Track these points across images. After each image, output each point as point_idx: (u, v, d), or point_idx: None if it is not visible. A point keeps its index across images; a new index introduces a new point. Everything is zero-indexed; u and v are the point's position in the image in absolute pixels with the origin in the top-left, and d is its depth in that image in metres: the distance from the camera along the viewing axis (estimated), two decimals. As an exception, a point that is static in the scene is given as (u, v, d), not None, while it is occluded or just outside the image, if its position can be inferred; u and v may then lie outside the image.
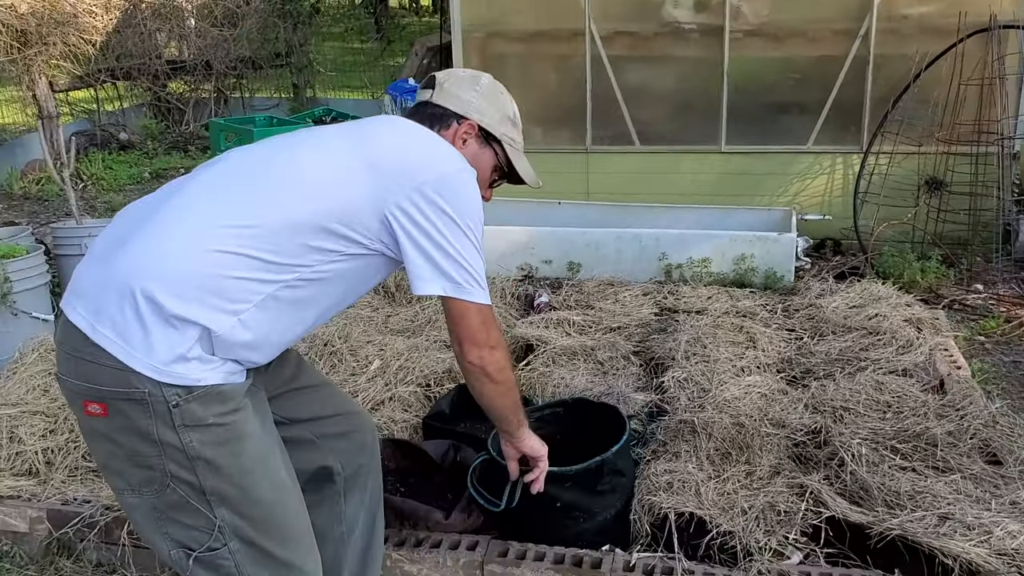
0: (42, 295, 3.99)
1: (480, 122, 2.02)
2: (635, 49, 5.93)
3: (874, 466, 2.61)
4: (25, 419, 3.19)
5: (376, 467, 2.28)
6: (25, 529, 2.81)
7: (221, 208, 1.77)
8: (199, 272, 1.69)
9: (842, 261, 5.24)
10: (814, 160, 5.64)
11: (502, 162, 2.07)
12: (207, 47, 9.23)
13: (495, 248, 5.16)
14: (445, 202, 1.79)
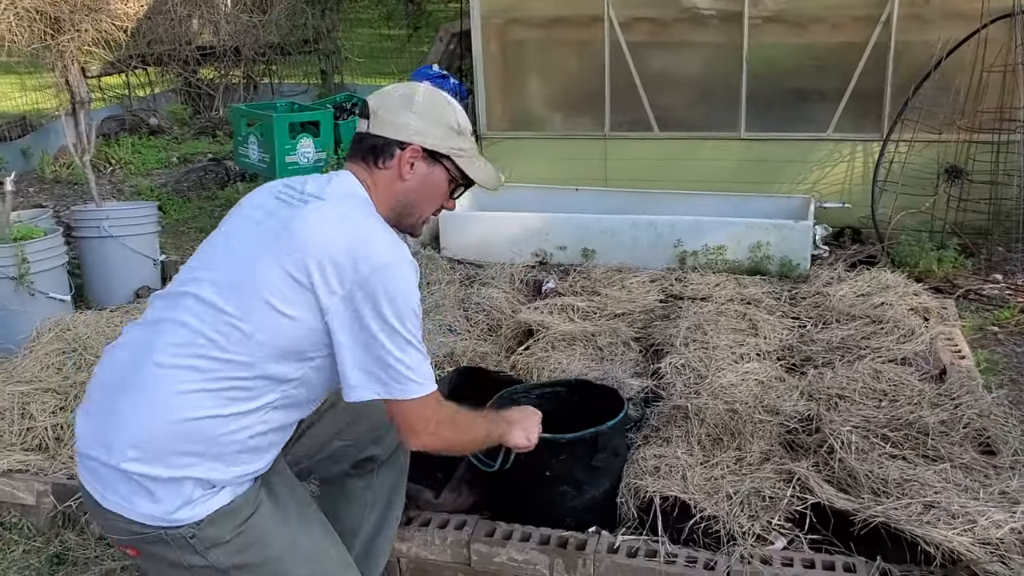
0: (59, 276, 4.09)
1: (423, 144, 1.96)
2: (654, 35, 5.90)
3: (863, 453, 2.61)
4: (37, 396, 3.28)
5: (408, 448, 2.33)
6: (32, 502, 2.91)
7: (186, 375, 1.80)
8: (181, 438, 1.78)
9: (859, 249, 5.19)
10: (834, 147, 5.58)
11: (456, 175, 2.03)
12: (236, 33, 9.32)
13: (509, 233, 5.20)
14: (373, 305, 1.77)
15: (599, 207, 5.53)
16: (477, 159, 2.07)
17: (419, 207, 2.02)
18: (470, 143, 2.04)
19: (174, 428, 1.78)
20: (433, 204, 2.04)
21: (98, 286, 4.49)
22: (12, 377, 3.43)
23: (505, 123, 6.25)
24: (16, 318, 3.91)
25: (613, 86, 5.87)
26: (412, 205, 2.00)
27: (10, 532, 2.92)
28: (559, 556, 2.44)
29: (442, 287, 4.29)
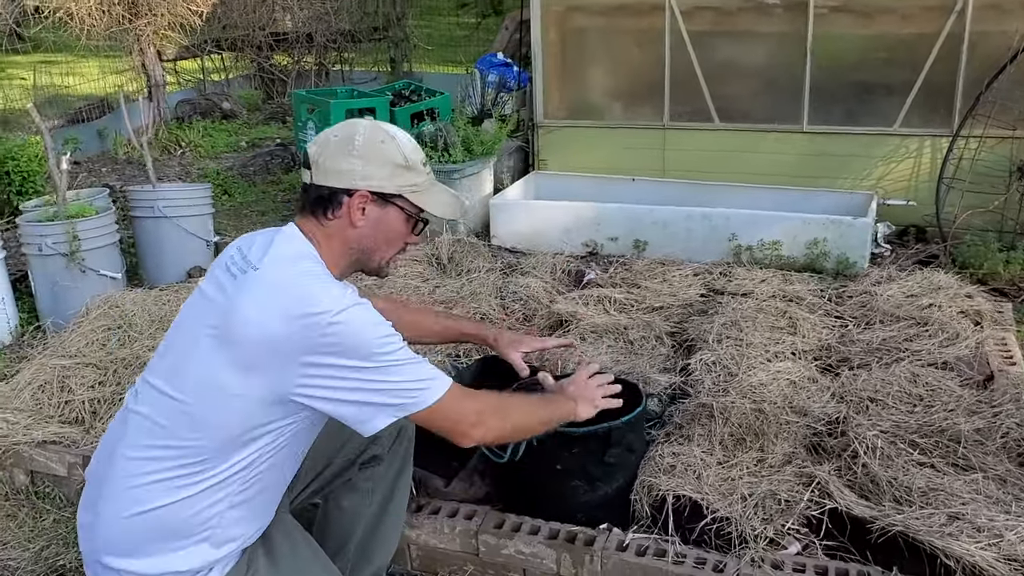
0: (111, 254, 4.20)
1: (370, 188, 1.87)
2: (716, 24, 5.77)
3: (889, 460, 2.51)
4: (78, 370, 3.38)
5: (411, 428, 2.36)
6: (64, 473, 2.99)
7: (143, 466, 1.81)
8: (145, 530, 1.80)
9: (922, 249, 5.00)
10: (900, 143, 5.38)
11: (412, 211, 1.94)
12: (309, 20, 9.46)
13: (560, 223, 5.15)
14: (340, 362, 1.73)
15: (655, 198, 5.44)
16: (433, 189, 1.98)
17: (378, 252, 1.95)
18: (422, 174, 1.94)
19: (133, 522, 1.81)
20: (393, 246, 1.97)
21: (151, 265, 4.61)
22: (57, 351, 3.54)
23: (562, 112, 6.20)
24: (68, 294, 4.03)
25: (673, 75, 5.76)
26: (370, 251, 1.94)
27: (42, 501, 3.02)
28: (567, 551, 2.41)
29: (481, 275, 4.28)
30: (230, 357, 1.74)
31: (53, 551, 2.77)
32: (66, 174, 4.06)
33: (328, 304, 1.73)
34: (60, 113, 8.63)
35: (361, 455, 2.28)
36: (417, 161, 1.94)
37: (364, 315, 1.77)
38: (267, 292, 1.76)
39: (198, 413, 1.77)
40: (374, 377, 1.75)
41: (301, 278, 1.80)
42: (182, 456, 1.79)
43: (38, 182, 5.59)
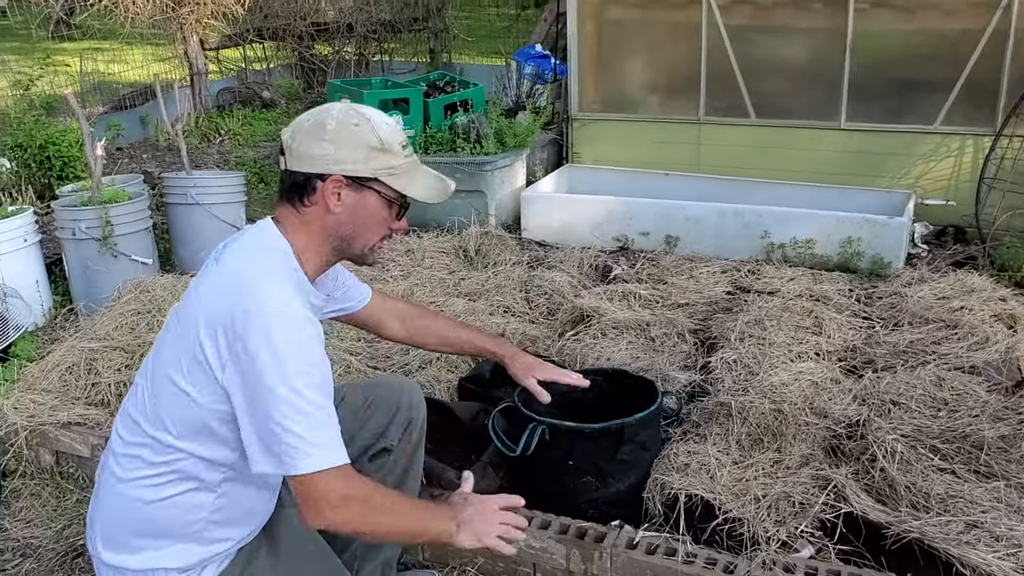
0: (143, 239, 4.25)
1: (343, 172, 1.81)
2: (754, 18, 5.69)
3: (908, 464, 2.47)
4: (106, 353, 3.43)
5: (421, 420, 2.36)
6: (87, 455, 3.04)
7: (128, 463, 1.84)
8: (132, 524, 1.83)
9: (960, 250, 4.90)
10: (941, 141, 5.27)
11: (392, 195, 1.87)
12: (350, 10, 9.51)
13: (591, 217, 5.12)
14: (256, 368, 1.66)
15: (688, 193, 5.39)
16: (413, 171, 1.90)
17: (359, 238, 1.89)
18: (400, 157, 1.87)
19: (121, 515, 1.84)
20: (374, 232, 1.90)
21: (183, 251, 4.66)
22: (87, 334, 3.60)
23: (597, 105, 6.16)
24: (100, 278, 4.09)
25: (709, 70, 5.70)
26: (349, 238, 1.88)
27: (66, 481, 3.08)
28: (576, 547, 2.40)
29: (507, 268, 4.27)
30: (190, 354, 1.74)
31: (74, 530, 2.82)
32: (100, 160, 4.13)
33: (273, 307, 1.68)
34: (105, 100, 8.77)
35: (371, 447, 2.27)
36: (394, 143, 1.86)
37: (301, 334, 1.70)
38: (223, 284, 1.76)
39: (159, 409, 1.80)
40: (274, 411, 1.66)
41: (258, 271, 1.76)
42: (156, 454, 1.80)
43: (78, 167, 5.69)
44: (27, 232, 4.13)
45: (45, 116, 6.35)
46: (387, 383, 2.37)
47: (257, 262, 1.79)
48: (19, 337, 3.79)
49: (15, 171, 5.86)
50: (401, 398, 2.30)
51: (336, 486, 1.70)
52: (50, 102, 7.45)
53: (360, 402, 2.28)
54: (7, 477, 3.10)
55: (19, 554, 2.74)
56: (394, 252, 4.56)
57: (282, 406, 1.66)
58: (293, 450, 1.67)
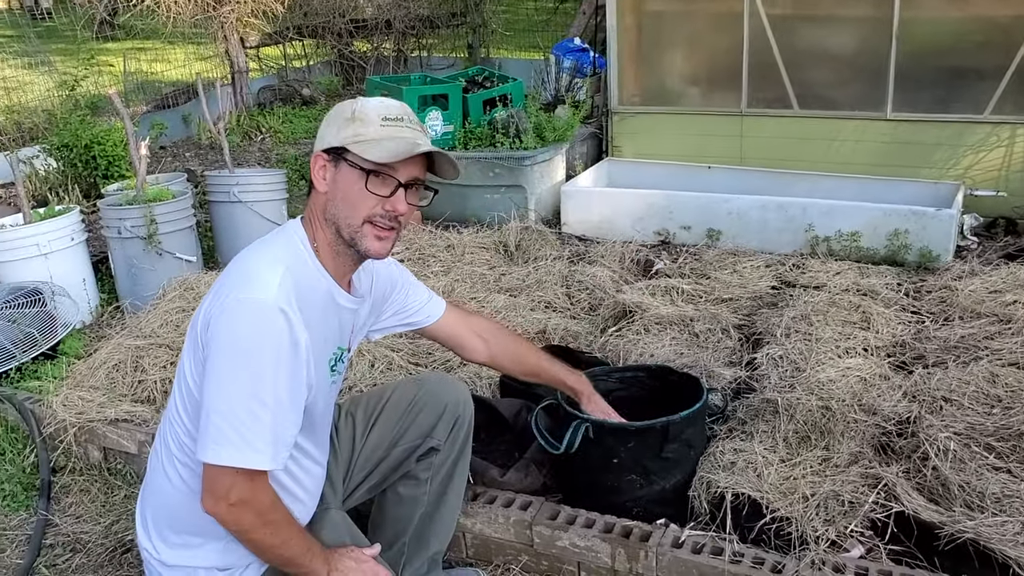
0: (187, 237, 4.29)
1: (322, 147, 1.82)
2: (797, 8, 5.60)
3: (961, 463, 2.41)
4: (152, 351, 3.46)
5: (469, 418, 2.35)
6: (135, 451, 3.08)
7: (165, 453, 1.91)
8: (171, 516, 1.88)
9: (1012, 242, 4.79)
10: (991, 131, 5.15)
11: (359, 162, 1.78)
12: (388, 6, 9.53)
13: (632, 211, 5.09)
14: (214, 339, 1.68)
15: (731, 186, 5.32)
16: (388, 141, 1.79)
17: (342, 216, 1.82)
18: (374, 126, 1.79)
19: (165, 511, 1.89)
20: (357, 208, 1.81)
21: (226, 248, 4.70)
22: (133, 332, 3.64)
23: (637, 97, 6.11)
24: (146, 276, 4.14)
25: (752, 61, 5.62)
26: (337, 217, 1.82)
27: (114, 477, 3.11)
28: (621, 546, 2.37)
29: (548, 263, 4.25)
30: (194, 347, 1.79)
31: (123, 526, 2.85)
32: (145, 159, 4.17)
33: (248, 293, 1.69)
34: (148, 99, 8.89)
35: (418, 448, 2.27)
36: (371, 114, 1.80)
37: (265, 327, 1.67)
38: (219, 278, 1.81)
39: (179, 404, 1.83)
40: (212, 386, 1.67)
41: (254, 260, 1.78)
42: (191, 452, 1.82)
43: (123, 166, 5.77)
44: (74, 231, 4.19)
45: (90, 116, 6.44)
46: (434, 381, 2.35)
47: (259, 256, 1.80)
48: (67, 335, 3.84)
49: (61, 171, 5.95)
50: (448, 396, 2.29)
51: (240, 487, 1.70)
52: (95, 102, 7.55)
53: (406, 402, 2.28)
54: (57, 473, 3.15)
55: (69, 549, 2.78)
56: (434, 248, 4.56)
57: (216, 389, 1.67)
58: (207, 434, 1.67)
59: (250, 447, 1.67)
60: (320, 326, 1.85)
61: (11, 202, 5.91)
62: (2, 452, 3.25)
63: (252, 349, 1.66)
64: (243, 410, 1.66)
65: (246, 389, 1.66)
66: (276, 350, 1.68)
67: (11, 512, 3.00)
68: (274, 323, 1.68)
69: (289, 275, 1.75)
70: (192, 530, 1.85)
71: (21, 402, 3.29)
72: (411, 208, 1.86)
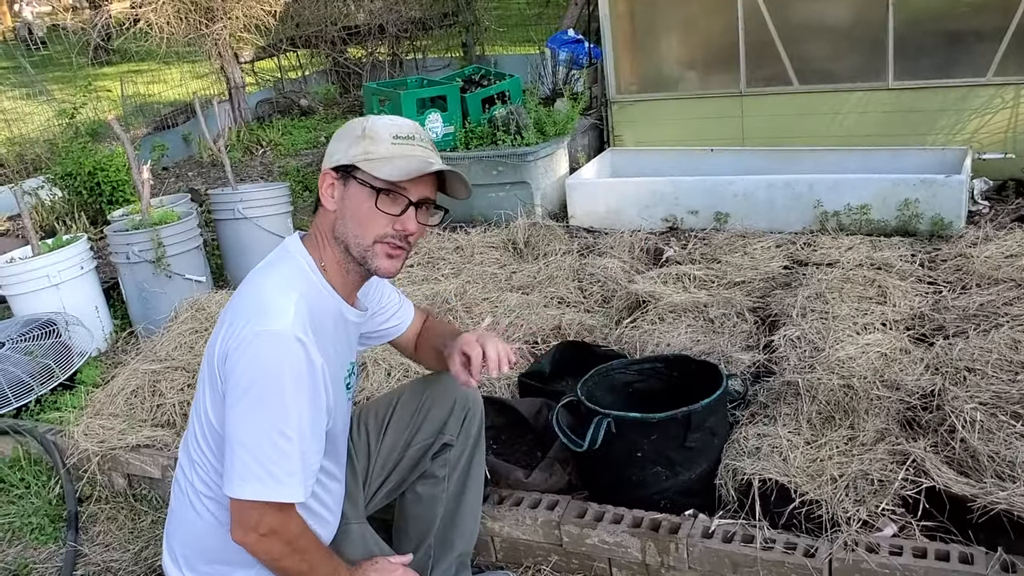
0: (195, 258, 4.29)
1: (331, 165, 1.80)
2: (790, -18, 5.57)
3: (989, 433, 2.38)
4: (168, 374, 3.46)
5: (480, 411, 2.34)
6: (158, 476, 3.08)
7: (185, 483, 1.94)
8: (199, 545, 1.90)
9: (1022, 204, 4.74)
10: (995, 93, 5.10)
11: (369, 181, 1.77)
12: (380, 11, 9.51)
13: (638, 200, 5.06)
14: (231, 377, 1.68)
15: (735, 168, 5.30)
16: (399, 159, 1.77)
17: (352, 234, 1.80)
18: (384, 144, 1.78)
19: (190, 538, 1.90)
20: (366, 227, 1.79)
21: (235, 266, 4.70)
22: (148, 356, 3.64)
23: (635, 85, 6.08)
24: (157, 299, 4.14)
25: (748, 39, 5.58)
26: (346, 235, 1.81)
27: (140, 504, 3.11)
28: (651, 539, 2.36)
29: (558, 258, 4.23)
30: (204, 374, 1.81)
31: (151, 551, 2.85)
32: (148, 182, 4.17)
33: (263, 324, 1.67)
34: (147, 121, 8.90)
35: (432, 445, 2.27)
36: (381, 131, 1.79)
37: (280, 357, 1.66)
38: (229, 307, 1.81)
39: (202, 433, 1.83)
40: (236, 421, 1.67)
41: (259, 292, 1.76)
42: (210, 480, 1.84)
43: (127, 191, 5.78)
44: (83, 260, 4.20)
45: (91, 143, 6.45)
46: (440, 379, 2.33)
47: (270, 282, 1.77)
48: (84, 364, 3.85)
49: (67, 199, 5.96)
50: (456, 391, 2.28)
51: (269, 519, 1.71)
52: (95, 128, 7.58)
53: (416, 402, 2.28)
54: (83, 503, 3.15)
55: (100, 578, 2.78)
56: (443, 251, 4.55)
57: (239, 424, 1.67)
58: (233, 469, 1.67)
59: (276, 480, 1.67)
60: (333, 347, 1.85)
61: (19, 234, 5.93)
62: (27, 486, 3.25)
63: (272, 382, 1.66)
64: (268, 444, 1.66)
65: (269, 422, 1.66)
66: (296, 381, 1.67)
67: (40, 545, 3.00)
68: (293, 354, 1.67)
69: (303, 302, 1.74)
70: (222, 559, 1.85)
71: (43, 434, 3.29)
72: (421, 227, 1.84)
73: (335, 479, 2.02)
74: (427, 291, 3.90)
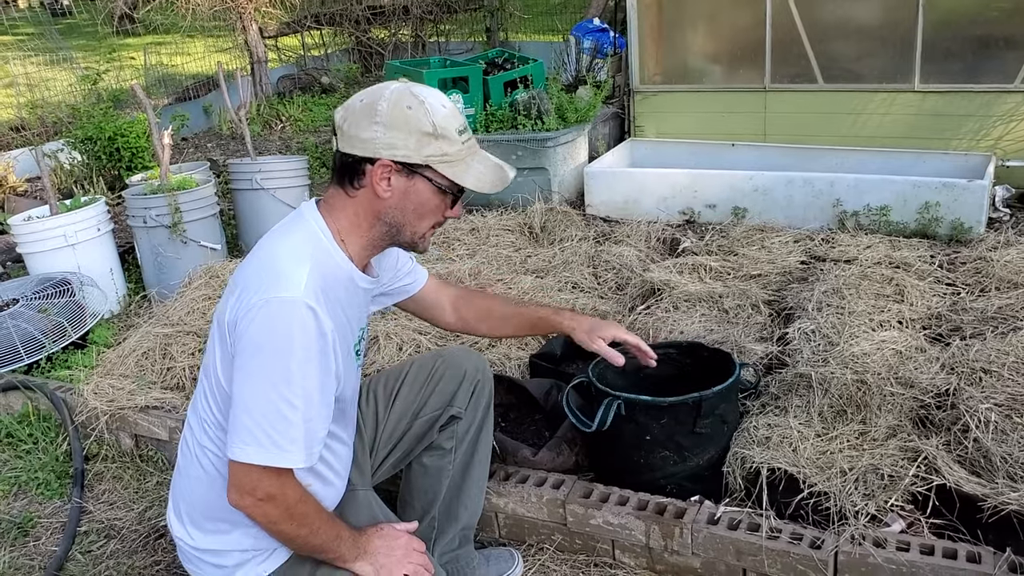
0: (211, 225, 4.30)
1: (394, 158, 1.74)
2: (820, -21, 5.53)
3: (1003, 434, 2.35)
4: (179, 338, 3.47)
5: (489, 385, 2.33)
6: (165, 437, 3.08)
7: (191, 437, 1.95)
8: (202, 502, 1.89)
9: (1045, 213, 4.70)
10: (1021, 100, 5.04)
11: (443, 183, 1.79)
12: (405, -8, 9.52)
13: (656, 191, 5.04)
14: (241, 342, 1.67)
15: (756, 163, 5.27)
16: (471, 159, 1.80)
17: (408, 226, 1.82)
18: (457, 144, 1.78)
19: (193, 496, 1.89)
20: (425, 220, 1.83)
21: (250, 236, 4.70)
22: (160, 320, 3.65)
23: (659, 76, 6.05)
24: (171, 265, 4.15)
25: (775, 35, 5.54)
26: (399, 225, 1.81)
27: (146, 464, 3.12)
28: (656, 523, 2.35)
29: (573, 244, 4.21)
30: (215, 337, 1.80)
31: (155, 512, 2.86)
32: (168, 148, 4.17)
33: (273, 291, 1.66)
34: (169, 92, 8.92)
35: (440, 417, 2.26)
36: (450, 128, 1.77)
37: (291, 324, 1.65)
38: (243, 270, 1.79)
39: (211, 392, 1.83)
40: (242, 385, 1.67)
41: (274, 257, 1.75)
42: (215, 437, 1.83)
43: (146, 158, 5.78)
44: (100, 221, 4.21)
45: (113, 109, 6.46)
46: (451, 352, 2.34)
47: (283, 249, 1.75)
48: (96, 324, 3.86)
49: (86, 163, 5.98)
50: (466, 364, 2.29)
51: (267, 484, 1.69)
52: (117, 96, 7.59)
53: (425, 373, 2.28)
54: (90, 461, 3.16)
55: (103, 535, 2.79)
56: (459, 231, 4.54)
57: (245, 389, 1.66)
58: (236, 432, 1.67)
59: (277, 447, 1.66)
60: (344, 313, 1.83)
61: (37, 195, 5.95)
62: (35, 441, 3.27)
63: (281, 349, 1.64)
64: (272, 410, 1.64)
65: (275, 389, 1.64)
66: (305, 348, 1.66)
67: (45, 500, 3.01)
68: (303, 321, 1.65)
69: (317, 269, 1.73)
70: (223, 517, 1.85)
71: (53, 391, 3.30)
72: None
73: (343, 443, 2.01)
74: (441, 270, 3.89)
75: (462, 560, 2.36)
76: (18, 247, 4.19)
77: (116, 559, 2.67)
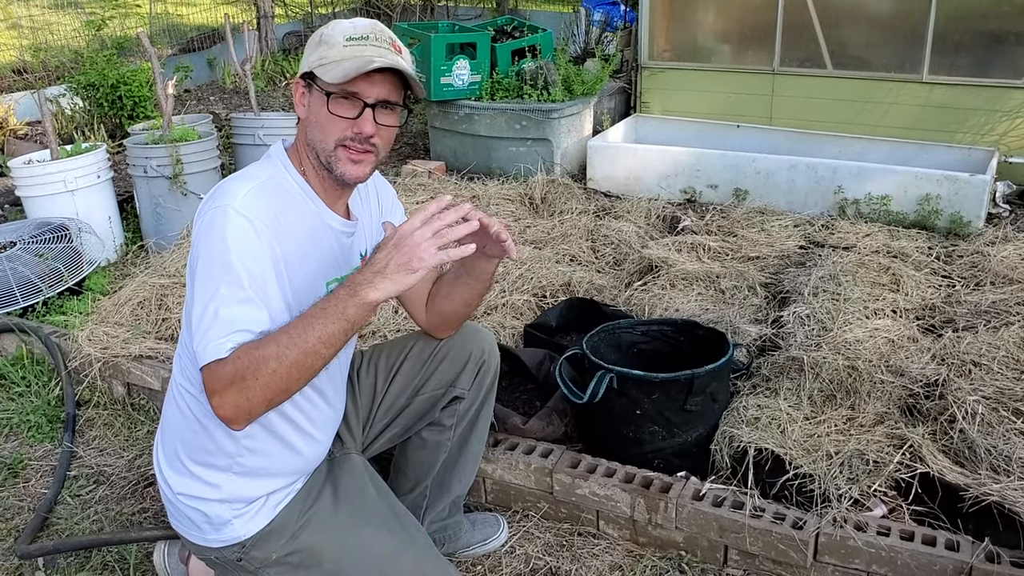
0: (212, 178, 4.28)
1: (299, 75, 1.78)
2: (834, -36, 5.50)
3: (989, 427, 2.39)
4: (175, 289, 3.47)
5: (495, 366, 2.30)
6: (158, 387, 3.09)
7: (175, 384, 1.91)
8: (182, 445, 1.86)
9: (1044, 211, 4.72)
10: (1029, 96, 5.05)
11: (324, 87, 1.72)
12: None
13: (659, 168, 5.04)
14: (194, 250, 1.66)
15: (760, 146, 5.26)
16: (349, 61, 1.69)
17: (317, 140, 1.77)
18: (337, 47, 1.72)
19: (175, 438, 1.87)
20: (327, 132, 1.75)
21: (251, 191, 4.69)
22: (157, 270, 3.65)
23: (668, 53, 6.02)
24: (170, 216, 4.14)
25: (786, 18, 5.52)
26: (314, 142, 1.78)
27: (137, 413, 3.14)
28: (641, 496, 2.37)
29: (573, 216, 4.21)
30: None
31: (145, 460, 2.88)
32: (171, 98, 4.15)
33: (219, 200, 1.65)
34: (173, 42, 8.84)
35: (441, 397, 2.23)
36: (335, 35, 1.74)
37: (232, 228, 1.60)
38: None
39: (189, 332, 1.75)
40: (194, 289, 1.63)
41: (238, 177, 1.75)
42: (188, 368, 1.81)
43: (148, 107, 5.75)
44: (100, 168, 4.19)
45: (116, 57, 6.41)
46: (459, 332, 2.25)
47: (235, 175, 1.77)
48: (92, 271, 3.86)
49: (87, 110, 5.94)
50: (472, 345, 2.23)
51: (219, 374, 1.55)
52: (121, 43, 7.51)
53: (429, 351, 2.22)
54: (81, 407, 3.17)
55: (93, 480, 2.81)
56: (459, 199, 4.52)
57: (196, 287, 1.62)
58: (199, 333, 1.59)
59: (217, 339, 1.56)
60: (306, 247, 1.78)
61: (38, 139, 5.92)
62: (28, 384, 3.28)
63: (218, 249, 1.59)
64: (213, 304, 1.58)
65: (222, 286, 1.58)
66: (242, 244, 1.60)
67: (36, 443, 3.03)
68: (235, 225, 1.61)
69: (260, 189, 1.70)
70: (201, 460, 1.83)
71: (47, 335, 3.31)
72: (382, 129, 1.78)
73: (327, 401, 1.97)
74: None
75: (450, 529, 2.38)
76: (17, 190, 4.18)
77: (105, 504, 2.69)
